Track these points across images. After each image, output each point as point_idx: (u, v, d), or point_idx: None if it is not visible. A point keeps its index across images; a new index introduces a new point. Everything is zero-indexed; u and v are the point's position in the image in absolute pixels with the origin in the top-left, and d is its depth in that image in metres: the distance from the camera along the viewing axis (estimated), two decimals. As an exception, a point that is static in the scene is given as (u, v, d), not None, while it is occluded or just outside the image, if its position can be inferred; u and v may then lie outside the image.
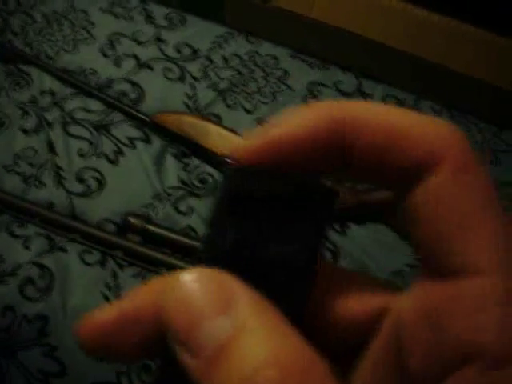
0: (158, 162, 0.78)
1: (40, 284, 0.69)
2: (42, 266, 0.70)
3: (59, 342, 0.67)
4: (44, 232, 0.72)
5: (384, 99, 0.87)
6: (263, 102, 0.84)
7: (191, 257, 0.71)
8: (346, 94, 0.86)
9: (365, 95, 0.87)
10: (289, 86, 0.86)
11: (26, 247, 0.71)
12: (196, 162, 0.78)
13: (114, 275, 0.70)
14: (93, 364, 0.66)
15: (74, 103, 0.82)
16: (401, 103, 0.87)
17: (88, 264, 0.71)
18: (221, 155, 0.77)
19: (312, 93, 0.86)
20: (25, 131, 0.80)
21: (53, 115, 0.81)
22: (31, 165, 0.77)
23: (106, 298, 0.68)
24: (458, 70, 0.83)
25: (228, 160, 0.73)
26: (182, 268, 0.37)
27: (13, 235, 0.72)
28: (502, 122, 0.86)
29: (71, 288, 0.69)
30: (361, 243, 0.75)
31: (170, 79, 0.85)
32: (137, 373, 0.66)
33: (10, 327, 0.67)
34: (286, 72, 0.87)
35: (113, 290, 0.69)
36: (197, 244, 0.71)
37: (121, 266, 0.71)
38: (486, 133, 0.85)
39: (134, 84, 0.84)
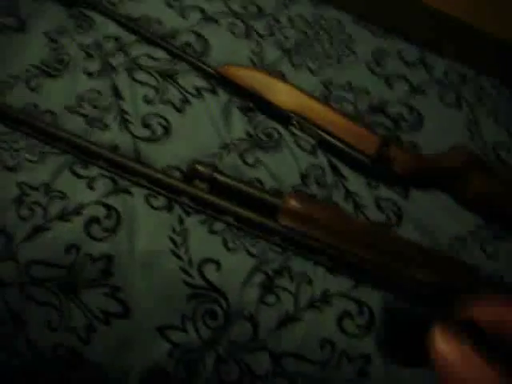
0: (225, 113, 0.77)
1: (106, 224, 0.68)
2: (108, 207, 0.69)
3: (124, 283, 0.66)
4: (108, 174, 0.71)
5: (446, 73, 0.86)
6: (328, 64, 0.84)
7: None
8: (408, 64, 0.86)
9: (427, 67, 0.86)
10: (353, 51, 0.86)
11: (91, 187, 0.70)
12: (261, 117, 0.78)
13: (181, 221, 0.69)
14: (158, 306, 0.65)
15: (139, 49, 0.81)
16: (462, 78, 0.87)
17: (154, 208, 0.69)
18: (287, 110, 0.76)
19: (376, 59, 0.85)
20: (89, 74, 0.79)
21: (117, 60, 0.80)
22: (95, 107, 0.76)
23: (174, 242, 0.67)
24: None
25: (293, 116, 0.72)
26: (248, 218, 0.60)
27: (76, 175, 0.71)
28: None
29: (138, 230, 0.68)
30: (424, 208, 0.74)
31: (235, 34, 0.84)
32: (202, 318, 0.65)
33: (72, 265, 0.66)
34: (350, 37, 0.87)
35: (180, 235, 0.68)
36: (263, 195, 0.70)
37: (187, 213, 0.70)
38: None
39: (199, 36, 0.83)
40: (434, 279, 0.65)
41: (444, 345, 0.32)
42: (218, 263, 0.67)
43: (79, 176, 0.71)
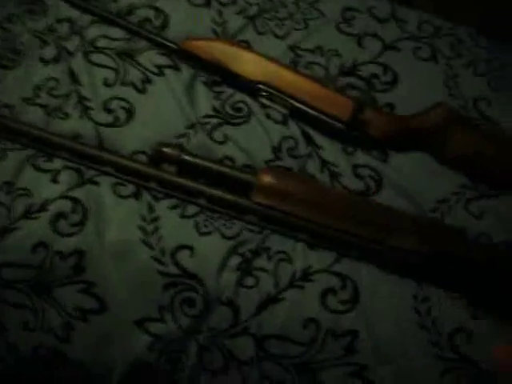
0: (189, 89, 0.73)
1: (73, 218, 0.65)
2: (73, 200, 0.66)
3: (97, 277, 0.64)
4: (72, 165, 0.68)
5: (420, 26, 0.82)
6: (295, 29, 0.80)
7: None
8: (380, 20, 0.82)
9: (400, 21, 0.82)
10: (321, 12, 0.81)
11: (55, 181, 0.67)
12: (229, 90, 0.74)
13: (150, 207, 0.66)
14: (134, 299, 0.63)
15: (94, 31, 0.77)
16: (437, 30, 0.83)
17: (122, 197, 0.67)
18: (255, 81, 0.73)
19: (345, 18, 0.81)
20: (44, 61, 0.75)
21: (73, 44, 0.76)
22: (53, 96, 0.73)
23: (144, 231, 0.65)
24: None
25: (261, 86, 0.69)
26: (220, 198, 0.56)
27: (39, 169, 0.68)
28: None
29: (106, 221, 0.65)
30: (405, 172, 0.71)
31: (195, 5, 0.80)
32: (180, 307, 0.63)
33: (42, 264, 0.64)
34: (316, -3, 0.83)
35: (150, 223, 0.65)
36: (235, 173, 0.67)
37: (156, 198, 0.67)
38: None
39: (157, 10, 0.79)
40: (420, 247, 0.62)
41: None
42: (191, 249, 0.64)
43: (42, 170, 0.68)
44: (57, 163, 0.68)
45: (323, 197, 0.66)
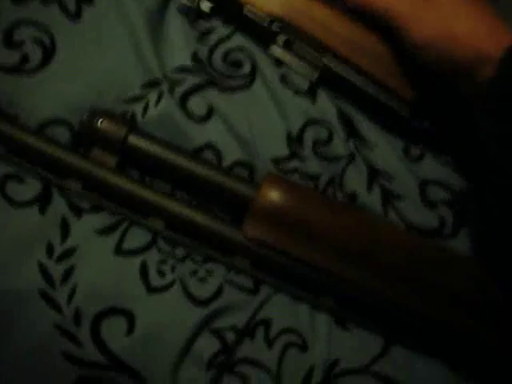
0: (156, 21, 0.43)
1: None
2: None
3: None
4: None
5: None
6: None
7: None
8: None
9: None
10: None
11: None
12: (223, 29, 0.44)
13: (63, 228, 0.37)
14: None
15: None
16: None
17: (16, 204, 0.37)
18: (269, 18, 0.42)
19: None
20: None
21: None
22: None
23: (47, 275, 0.36)
24: None
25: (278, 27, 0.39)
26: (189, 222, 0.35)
27: None
28: None
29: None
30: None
31: None
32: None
33: None
34: None
35: (60, 260, 0.36)
36: (218, 178, 0.38)
37: (77, 211, 0.38)
38: None
39: None
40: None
41: None
42: (130, 317, 0.36)
43: None
44: None
45: (367, 238, 0.38)
